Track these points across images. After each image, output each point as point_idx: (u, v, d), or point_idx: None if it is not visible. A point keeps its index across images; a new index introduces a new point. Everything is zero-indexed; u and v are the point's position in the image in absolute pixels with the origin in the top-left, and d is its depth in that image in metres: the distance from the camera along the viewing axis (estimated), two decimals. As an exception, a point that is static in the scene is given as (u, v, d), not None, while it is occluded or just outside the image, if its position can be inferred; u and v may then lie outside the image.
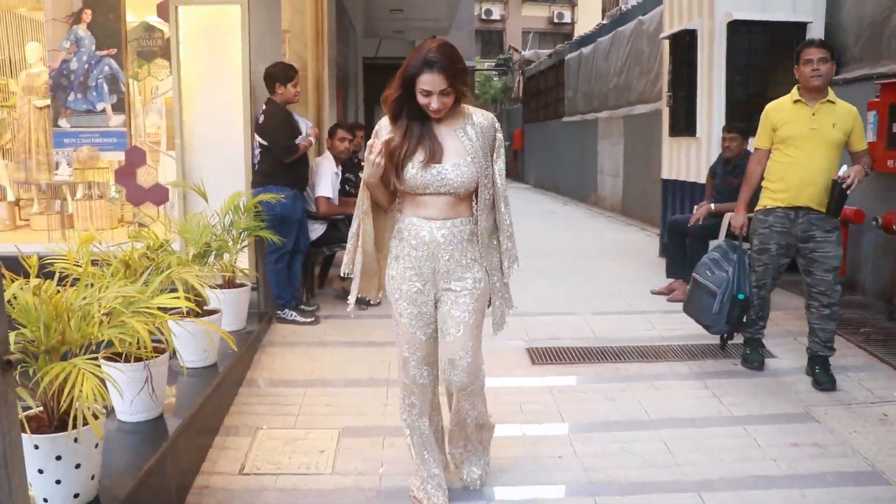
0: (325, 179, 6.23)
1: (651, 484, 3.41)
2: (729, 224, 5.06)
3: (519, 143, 23.44)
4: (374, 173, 2.86)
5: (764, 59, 7.36)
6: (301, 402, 4.30)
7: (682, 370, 4.85)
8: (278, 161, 5.53)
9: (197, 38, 5.88)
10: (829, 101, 4.46)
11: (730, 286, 4.64)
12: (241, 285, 4.91)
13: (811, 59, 4.42)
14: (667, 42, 8.48)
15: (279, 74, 5.63)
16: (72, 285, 2.67)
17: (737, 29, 7.20)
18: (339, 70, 12.24)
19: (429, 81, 2.77)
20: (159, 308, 2.61)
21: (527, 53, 24.76)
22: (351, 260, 3.10)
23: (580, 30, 30.20)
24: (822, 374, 4.52)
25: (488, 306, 3.10)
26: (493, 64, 32.62)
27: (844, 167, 4.32)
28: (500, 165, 2.96)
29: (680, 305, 6.24)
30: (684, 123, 7.99)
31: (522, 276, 7.37)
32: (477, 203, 2.97)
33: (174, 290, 2.97)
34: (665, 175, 8.60)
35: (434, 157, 2.85)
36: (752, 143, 6.67)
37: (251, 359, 4.93)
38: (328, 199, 6.23)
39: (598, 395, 4.44)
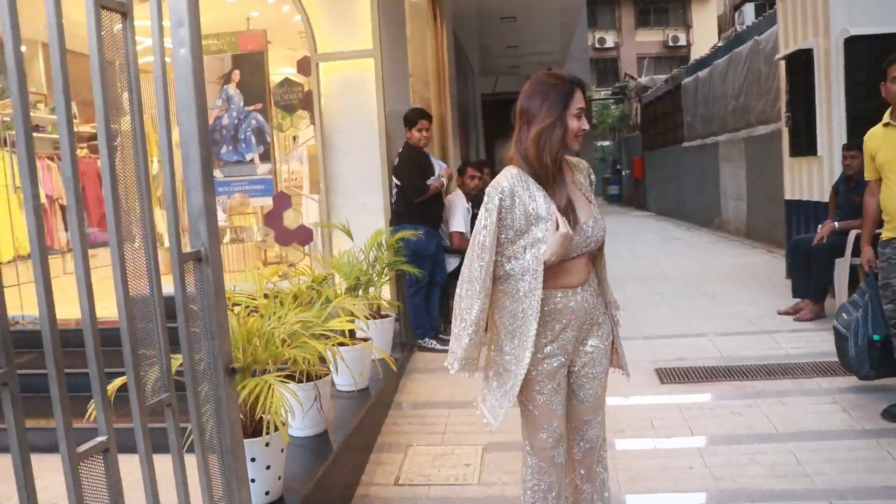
0: (458, 215, 6.67)
1: (780, 493, 3.56)
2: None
3: (640, 171, 23.40)
4: (562, 248, 2.44)
5: (885, 73, 7.29)
6: (446, 421, 4.68)
7: (810, 386, 4.95)
8: (411, 200, 5.99)
9: (334, 89, 6.47)
10: None
11: (860, 327, 4.34)
12: (386, 316, 5.35)
13: None
14: (783, 62, 8.53)
15: (407, 119, 6.11)
16: (248, 315, 3.14)
17: (855, 45, 7.21)
18: (459, 108, 12.73)
19: (581, 99, 2.51)
20: (331, 331, 3.05)
21: (643, 80, 24.79)
22: (475, 355, 2.59)
23: (696, 52, 29.95)
24: None
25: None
26: (610, 92, 32.70)
27: None
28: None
29: (807, 325, 6.35)
30: (805, 143, 8.01)
31: (649, 300, 7.60)
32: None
33: (337, 318, 3.41)
34: (788, 195, 8.62)
35: (578, 214, 2.53)
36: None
37: (398, 384, 5.36)
38: (461, 233, 6.66)
39: (725, 411, 4.61)
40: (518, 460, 4.07)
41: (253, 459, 2.85)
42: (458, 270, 6.77)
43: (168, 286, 1.93)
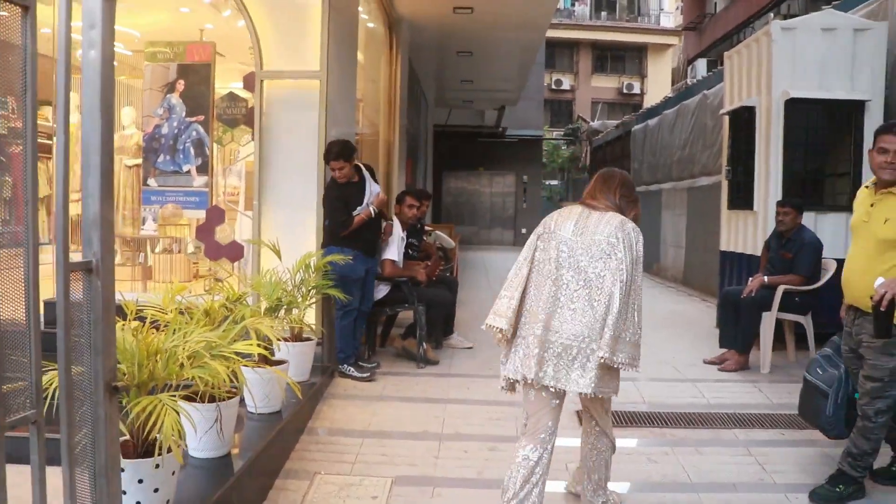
0: (392, 243, 6.61)
1: (687, 543, 3.55)
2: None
3: (585, 212, 23.61)
4: None
5: (822, 135, 7.52)
6: (357, 451, 4.57)
7: (727, 437, 4.96)
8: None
9: (278, 107, 6.38)
10: (892, 192, 3.80)
11: (843, 384, 4.10)
12: (308, 339, 5.24)
13: (887, 149, 3.77)
14: (727, 118, 8.70)
15: (326, 152, 5.98)
16: (157, 329, 3.02)
17: (795, 106, 7.38)
18: (409, 137, 12.71)
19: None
20: (236, 353, 2.94)
21: (595, 124, 25.14)
22: None
23: (649, 101, 30.56)
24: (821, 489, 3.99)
25: None
26: (562, 133, 33.12)
27: (880, 279, 3.61)
28: None
29: (731, 375, 6.40)
30: (742, 197, 8.16)
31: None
32: None
33: (248, 339, 3.31)
34: (723, 247, 8.75)
35: None
36: (811, 218, 6.88)
37: (313, 408, 5.24)
38: (393, 261, 6.59)
39: (642, 458, 4.59)
40: (425, 496, 4.01)
41: (140, 481, 2.72)
42: (386, 298, 6.77)
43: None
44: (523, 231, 24.74)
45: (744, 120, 8.10)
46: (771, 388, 6.06)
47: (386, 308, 6.82)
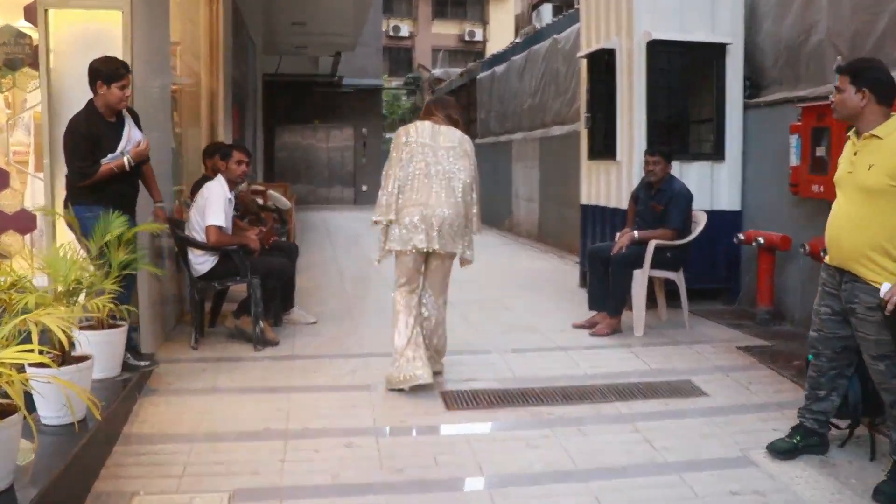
0: (217, 206, 5.88)
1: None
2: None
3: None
4: None
5: (684, 79, 7.42)
6: (186, 460, 3.94)
7: (609, 412, 4.69)
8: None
9: (70, 45, 5.49)
10: (874, 135, 3.60)
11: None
12: (117, 325, 4.53)
13: (840, 88, 3.69)
14: (584, 61, 8.47)
15: (103, 70, 4.88)
16: None
17: (656, 49, 7.23)
18: (235, 87, 11.93)
19: None
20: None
21: (437, 72, 24.88)
22: None
23: (491, 48, 30.59)
24: None
25: None
26: (402, 83, 32.68)
27: (886, 285, 3.40)
28: None
29: (604, 340, 6.20)
30: (603, 146, 7.98)
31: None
32: None
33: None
34: (584, 200, 8.57)
35: None
36: (676, 168, 6.76)
37: (129, 410, 4.52)
38: (220, 227, 5.88)
39: (520, 444, 4.22)
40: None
41: None
42: (213, 271, 6.05)
43: None
44: (364, 188, 24.22)
45: (603, 64, 7.90)
46: (647, 352, 5.89)
47: (214, 282, 6.12)
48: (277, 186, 12.33)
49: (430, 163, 4.90)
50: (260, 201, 9.39)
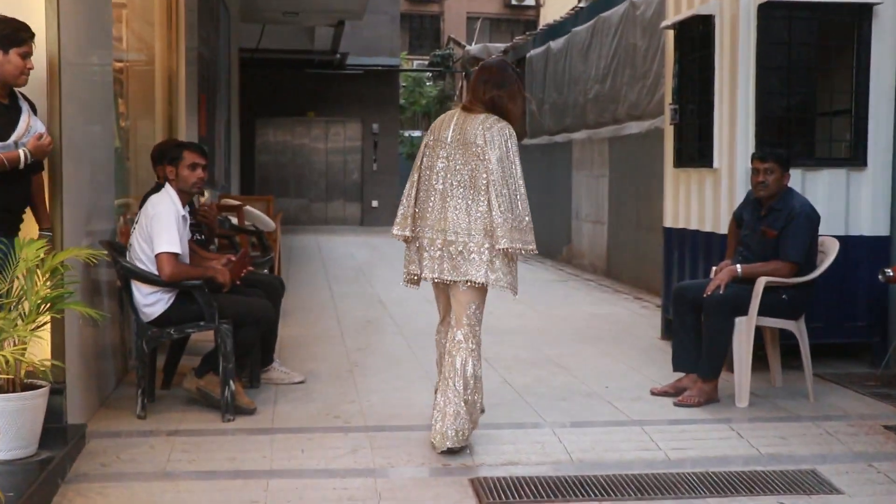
0: (168, 226, 5.90)
1: None
2: None
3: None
4: None
5: (810, 56, 7.42)
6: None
7: (701, 513, 4.68)
8: None
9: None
10: None
11: None
12: (35, 387, 4.57)
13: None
14: (671, 33, 8.53)
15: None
16: None
17: (772, 13, 7.23)
18: (202, 66, 12.13)
19: None
20: None
21: (473, 49, 25.02)
22: None
23: (547, 16, 30.74)
24: None
25: None
26: (427, 63, 32.96)
27: None
28: None
29: (694, 413, 6.16)
30: (696, 149, 8.03)
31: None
32: None
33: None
34: (669, 223, 8.61)
35: None
36: (796, 178, 6.73)
37: (48, 501, 4.56)
38: (174, 255, 5.92)
39: (578, 555, 4.23)
40: None
41: None
42: (170, 314, 6.09)
43: None
44: (374, 204, 24.43)
45: (697, 37, 7.94)
46: (754, 430, 5.86)
47: (169, 329, 6.18)
48: (257, 201, 12.50)
49: (438, 167, 5.24)
50: (233, 220, 9.49)
